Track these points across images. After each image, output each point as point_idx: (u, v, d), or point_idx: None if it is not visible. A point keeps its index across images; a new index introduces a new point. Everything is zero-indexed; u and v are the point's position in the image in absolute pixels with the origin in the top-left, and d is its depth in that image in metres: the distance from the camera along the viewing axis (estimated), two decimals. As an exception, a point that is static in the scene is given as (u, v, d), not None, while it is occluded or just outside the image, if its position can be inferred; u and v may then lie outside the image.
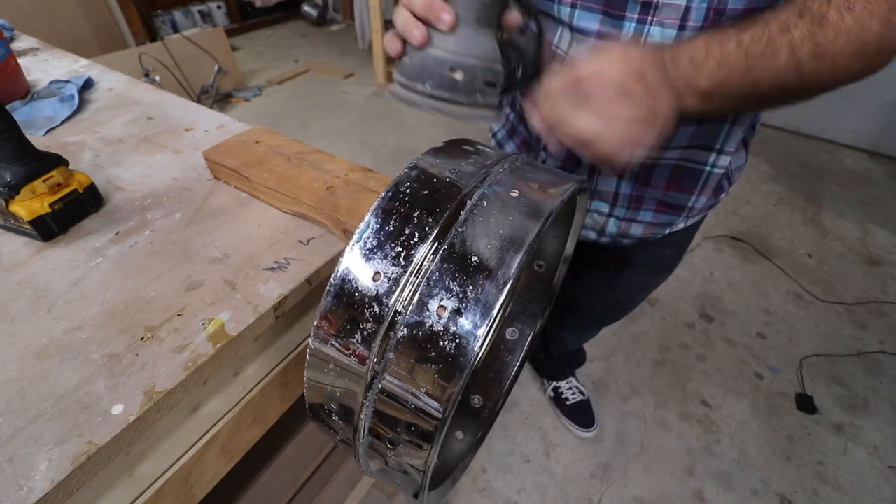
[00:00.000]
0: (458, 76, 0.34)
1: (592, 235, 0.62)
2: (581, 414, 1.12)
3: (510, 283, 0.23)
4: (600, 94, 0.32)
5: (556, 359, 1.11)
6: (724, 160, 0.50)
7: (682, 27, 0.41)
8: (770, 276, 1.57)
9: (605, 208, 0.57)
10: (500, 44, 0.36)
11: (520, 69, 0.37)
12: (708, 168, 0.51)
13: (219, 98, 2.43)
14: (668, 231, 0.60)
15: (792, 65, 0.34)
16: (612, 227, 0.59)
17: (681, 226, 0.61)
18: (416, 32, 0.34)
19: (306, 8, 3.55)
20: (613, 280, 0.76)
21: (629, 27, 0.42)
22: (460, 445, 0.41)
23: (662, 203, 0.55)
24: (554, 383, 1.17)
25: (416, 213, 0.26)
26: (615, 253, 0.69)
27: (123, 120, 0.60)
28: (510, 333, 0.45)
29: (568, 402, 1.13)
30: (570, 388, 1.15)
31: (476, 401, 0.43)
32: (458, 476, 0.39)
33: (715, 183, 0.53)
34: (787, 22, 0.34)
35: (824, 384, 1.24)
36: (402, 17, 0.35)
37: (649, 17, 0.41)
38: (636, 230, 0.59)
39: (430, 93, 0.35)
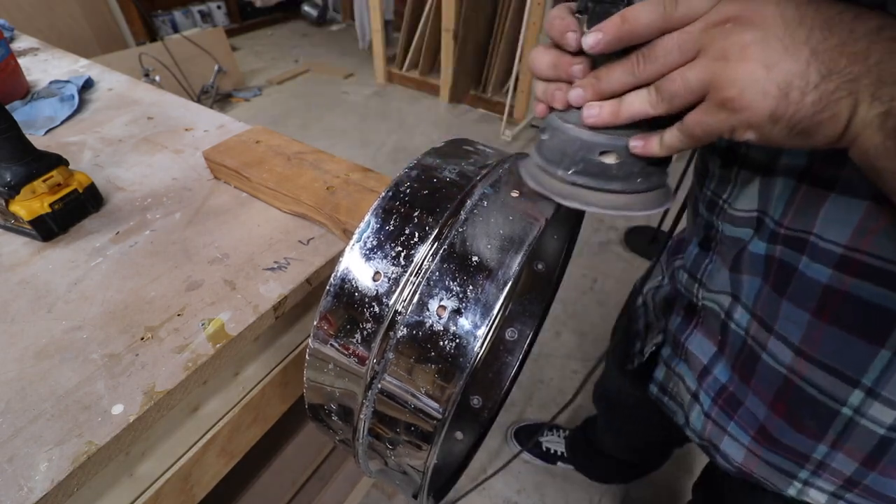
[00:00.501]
0: (610, 160, 0.26)
1: (679, 419, 0.43)
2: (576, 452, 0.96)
3: (510, 282, 0.23)
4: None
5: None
6: (881, 410, 0.28)
7: None
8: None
9: (691, 383, 0.39)
10: None
11: None
12: (846, 410, 0.29)
13: (219, 98, 2.44)
14: (795, 494, 0.35)
15: None
16: (695, 419, 0.40)
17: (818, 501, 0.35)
18: (560, 96, 0.25)
19: (306, 8, 3.55)
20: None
21: None
22: (460, 446, 0.41)
23: (763, 430, 0.34)
24: (534, 439, 1.02)
25: (416, 213, 0.26)
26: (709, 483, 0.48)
27: (123, 120, 0.60)
28: (510, 334, 0.45)
29: (552, 453, 0.99)
30: (548, 440, 1.01)
31: (475, 401, 0.43)
32: (458, 476, 0.38)
33: (869, 442, 0.30)
34: None
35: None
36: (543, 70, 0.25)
37: None
38: (730, 449, 0.37)
39: (572, 180, 0.26)
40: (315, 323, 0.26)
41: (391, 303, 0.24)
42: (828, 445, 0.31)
